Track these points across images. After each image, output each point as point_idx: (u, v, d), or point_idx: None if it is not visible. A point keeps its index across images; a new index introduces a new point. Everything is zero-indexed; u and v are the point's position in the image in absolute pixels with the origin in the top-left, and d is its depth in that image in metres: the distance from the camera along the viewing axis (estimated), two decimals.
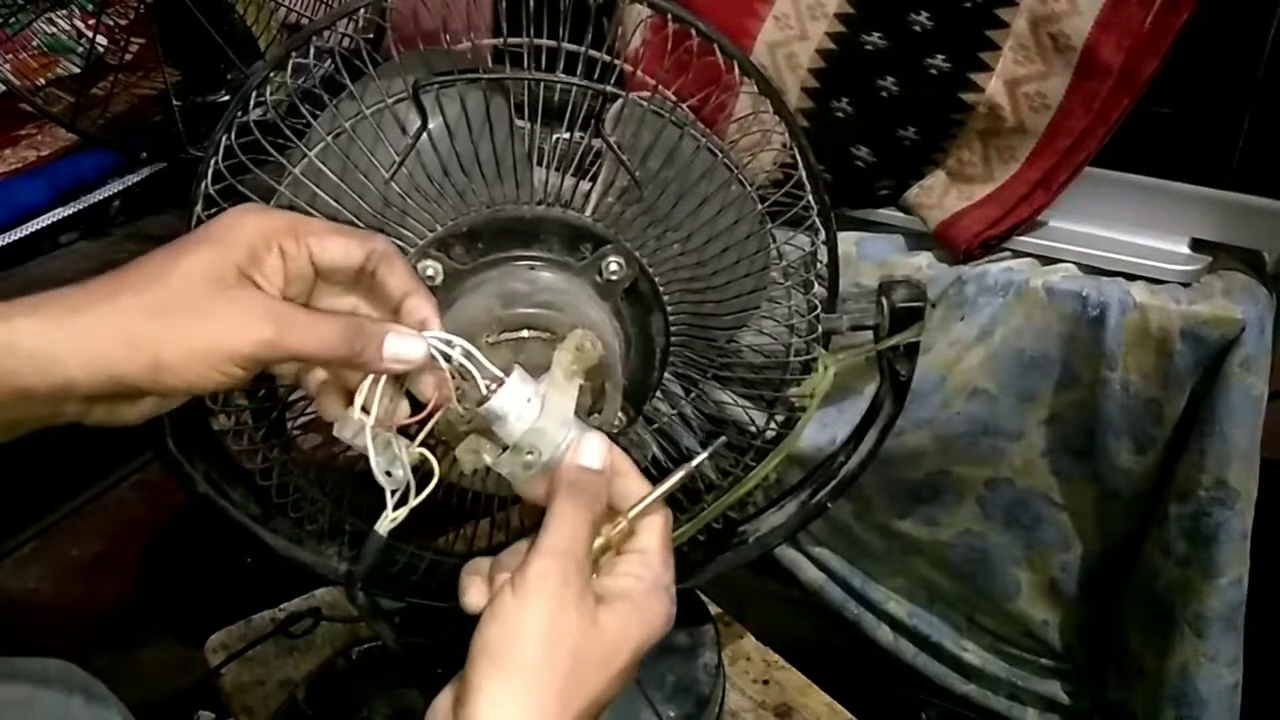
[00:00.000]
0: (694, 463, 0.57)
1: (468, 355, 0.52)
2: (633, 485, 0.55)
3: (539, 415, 0.53)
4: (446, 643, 0.50)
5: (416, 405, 0.55)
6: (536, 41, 0.61)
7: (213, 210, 0.58)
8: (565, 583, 0.48)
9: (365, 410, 0.52)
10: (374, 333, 0.51)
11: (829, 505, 0.78)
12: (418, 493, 0.53)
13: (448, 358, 0.52)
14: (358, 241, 0.52)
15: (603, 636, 0.48)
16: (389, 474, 0.53)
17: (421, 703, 0.80)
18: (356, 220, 0.58)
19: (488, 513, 0.80)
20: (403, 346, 0.51)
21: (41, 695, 0.65)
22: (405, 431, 0.54)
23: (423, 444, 0.54)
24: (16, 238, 1.03)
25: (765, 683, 0.99)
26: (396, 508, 0.53)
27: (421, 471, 0.53)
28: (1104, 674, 1.09)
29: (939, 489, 1.07)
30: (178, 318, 0.47)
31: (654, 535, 0.54)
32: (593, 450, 0.53)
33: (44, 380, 0.46)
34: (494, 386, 0.52)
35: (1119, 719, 1.07)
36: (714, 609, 1.02)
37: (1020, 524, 1.05)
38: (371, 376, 0.52)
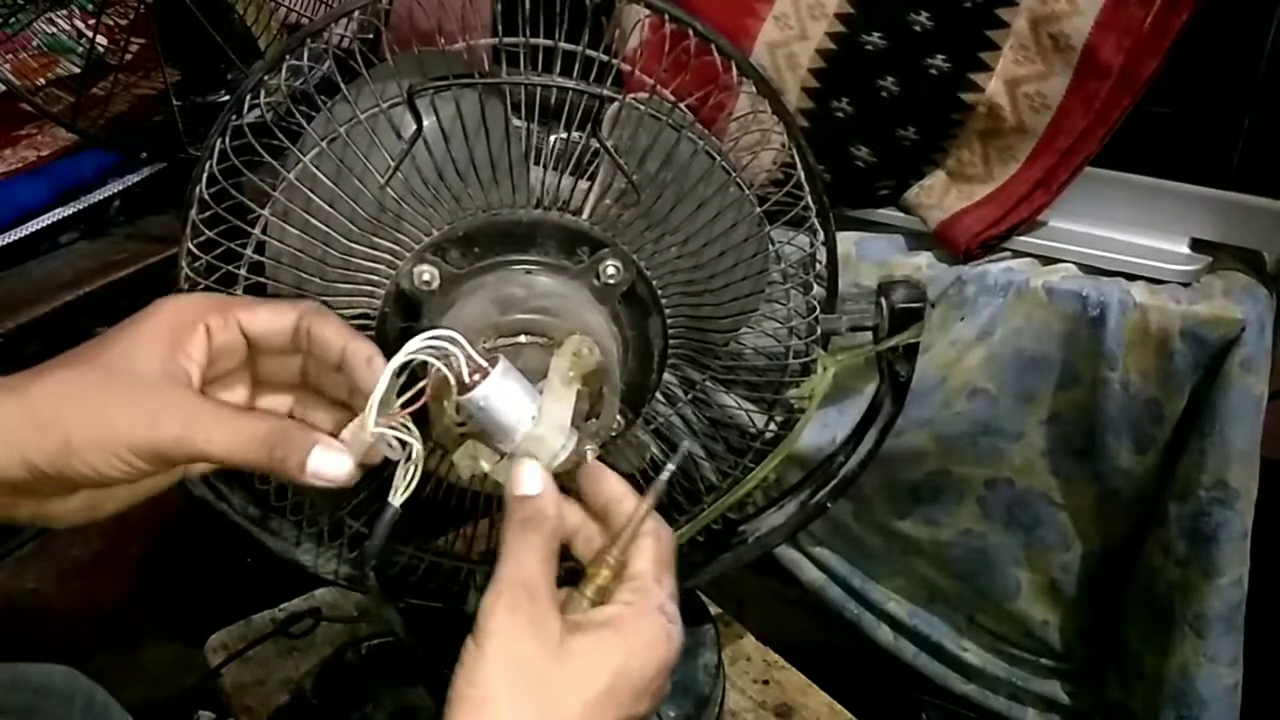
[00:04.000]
0: (663, 478, 0.55)
1: (455, 343, 0.51)
2: (626, 507, 0.55)
3: (537, 422, 0.53)
4: (454, 639, 0.50)
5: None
6: (533, 41, 0.61)
7: (207, 213, 0.58)
8: (514, 609, 0.47)
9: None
10: (298, 443, 0.50)
11: (829, 505, 0.78)
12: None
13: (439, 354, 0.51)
14: (286, 305, 0.53)
15: (571, 661, 0.47)
16: (402, 444, 0.52)
17: (427, 701, 0.80)
18: (351, 225, 0.58)
19: (487, 513, 0.80)
20: (326, 464, 0.50)
21: (42, 703, 0.66)
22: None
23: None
24: (16, 238, 1.03)
25: (765, 683, 0.99)
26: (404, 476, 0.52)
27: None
28: (1104, 674, 1.09)
29: (939, 489, 1.07)
30: (87, 402, 0.48)
31: (643, 558, 0.53)
32: (527, 478, 0.52)
33: (14, 470, 0.47)
34: (477, 377, 0.51)
35: (1119, 719, 1.07)
36: (714, 609, 1.02)
37: (1020, 524, 1.05)
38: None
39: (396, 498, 0.52)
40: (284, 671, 0.98)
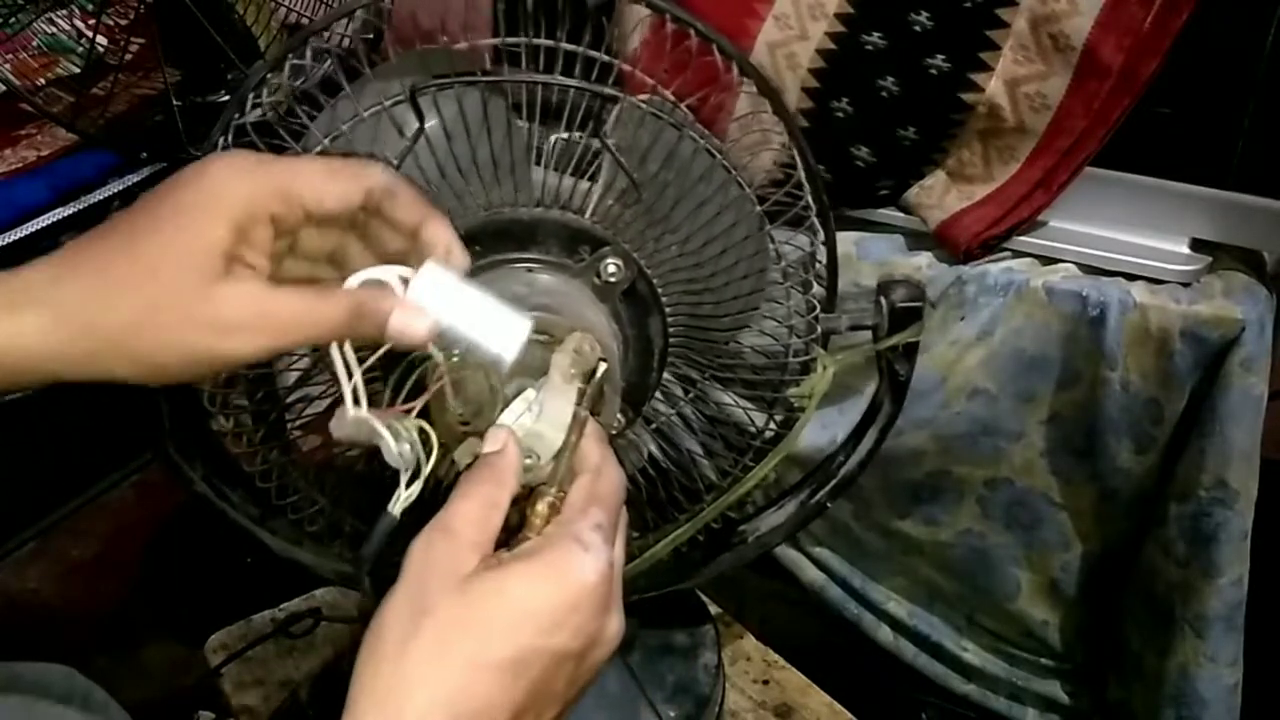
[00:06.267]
0: (583, 411, 0.54)
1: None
2: (588, 449, 0.53)
3: (537, 419, 0.53)
4: None
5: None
6: (534, 41, 0.61)
7: None
8: (428, 548, 0.46)
9: (357, 402, 0.51)
10: (374, 312, 0.48)
11: (828, 505, 0.79)
12: (417, 474, 0.52)
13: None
14: (355, 183, 0.49)
15: (470, 597, 0.44)
16: (400, 455, 0.52)
17: None
18: None
19: None
20: (406, 326, 0.49)
21: (39, 703, 0.65)
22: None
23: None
24: (16, 238, 1.03)
25: (765, 683, 0.99)
26: (407, 486, 0.52)
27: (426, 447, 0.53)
28: (1104, 674, 1.09)
29: (939, 489, 1.07)
30: (172, 326, 0.46)
31: (576, 490, 0.50)
32: (493, 437, 0.51)
33: (26, 380, 0.46)
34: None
35: (1119, 719, 1.07)
36: (714, 609, 1.02)
37: (1020, 524, 1.05)
38: (354, 370, 0.50)
39: (396, 507, 0.52)
40: (284, 671, 0.98)
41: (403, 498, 0.52)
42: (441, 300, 0.49)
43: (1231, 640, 0.95)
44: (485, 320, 0.50)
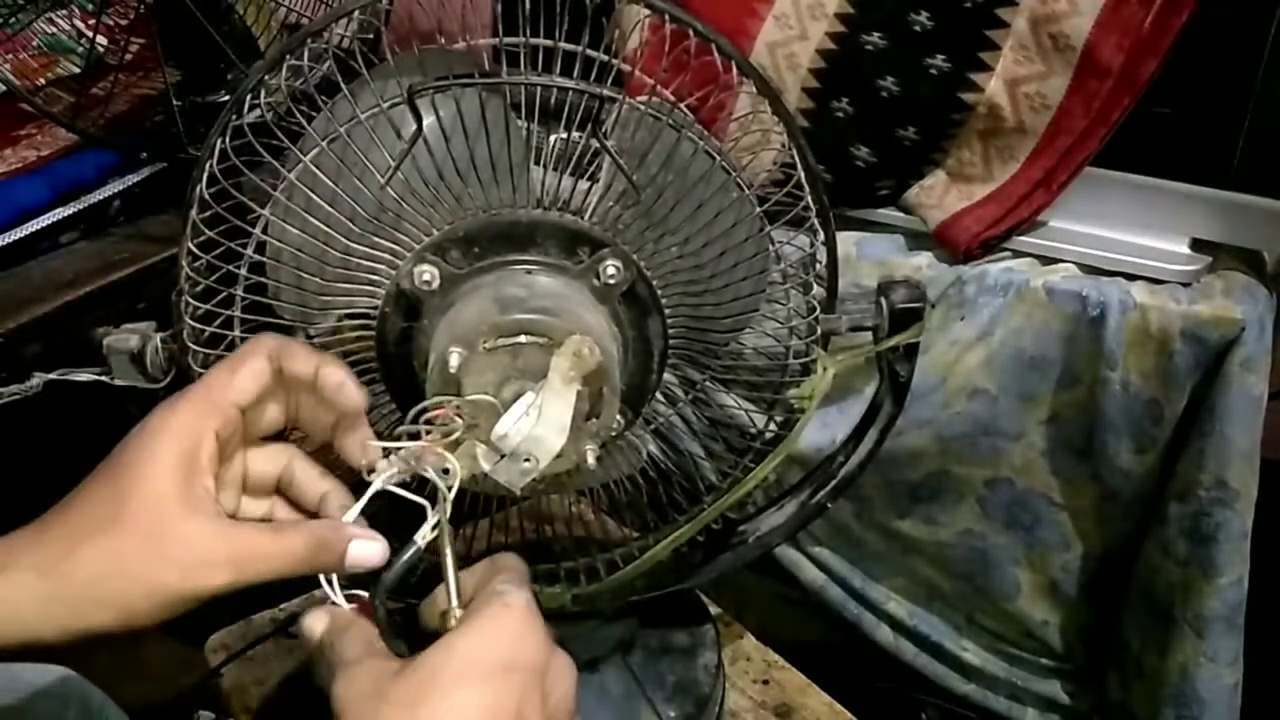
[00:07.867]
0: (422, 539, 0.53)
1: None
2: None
3: (536, 423, 0.53)
4: None
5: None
6: (533, 41, 0.60)
7: (207, 213, 0.58)
8: (349, 685, 0.47)
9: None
10: (335, 543, 0.52)
11: (829, 505, 0.79)
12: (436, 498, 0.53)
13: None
14: (253, 361, 0.52)
15: (416, 673, 0.46)
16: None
17: None
18: (351, 225, 0.58)
19: (486, 513, 0.80)
20: (365, 553, 0.52)
21: (37, 704, 0.65)
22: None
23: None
24: (16, 238, 1.03)
25: (765, 683, 0.99)
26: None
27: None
28: (1104, 674, 1.09)
29: (939, 489, 1.07)
30: (139, 570, 0.48)
31: (474, 572, 0.52)
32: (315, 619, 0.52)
33: (14, 640, 0.47)
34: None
35: (1119, 719, 1.07)
36: (714, 609, 1.02)
37: (1020, 524, 1.05)
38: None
39: (423, 537, 0.53)
40: (284, 672, 0.98)
41: (430, 526, 0.53)
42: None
43: (1231, 640, 0.95)
44: None
